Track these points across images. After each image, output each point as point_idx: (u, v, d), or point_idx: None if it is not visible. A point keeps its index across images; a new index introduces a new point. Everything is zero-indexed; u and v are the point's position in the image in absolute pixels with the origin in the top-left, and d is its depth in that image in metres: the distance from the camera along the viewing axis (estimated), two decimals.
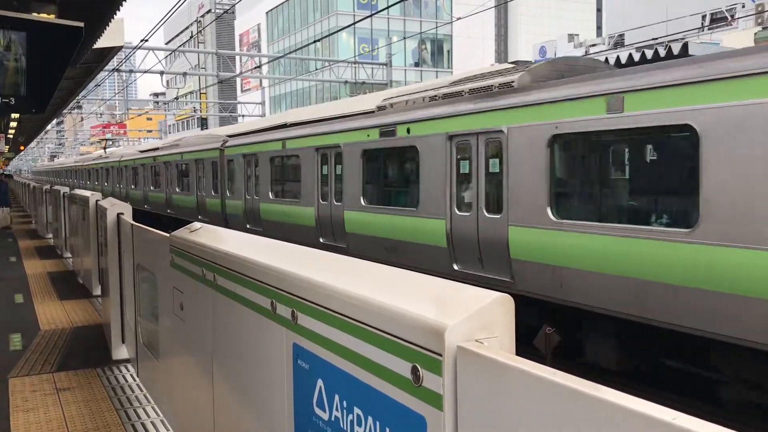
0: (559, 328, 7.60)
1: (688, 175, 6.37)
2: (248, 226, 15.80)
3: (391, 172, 11.17)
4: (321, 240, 12.42)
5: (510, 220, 8.05)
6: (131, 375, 6.27)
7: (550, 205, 7.52)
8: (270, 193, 14.76)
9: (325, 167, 12.46)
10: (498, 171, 8.33)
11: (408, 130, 9.93)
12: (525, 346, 7.93)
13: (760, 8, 27.56)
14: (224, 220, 17.47)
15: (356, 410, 1.91)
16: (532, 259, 7.74)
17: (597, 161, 7.47)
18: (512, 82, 8.45)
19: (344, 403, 1.98)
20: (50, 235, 19.13)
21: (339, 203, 11.88)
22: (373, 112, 11.54)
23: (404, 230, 9.97)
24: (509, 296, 1.58)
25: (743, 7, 30.14)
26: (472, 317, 1.53)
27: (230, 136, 18.31)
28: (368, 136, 10.97)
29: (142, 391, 5.78)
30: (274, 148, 14.64)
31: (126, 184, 29.67)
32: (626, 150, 7.36)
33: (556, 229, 7.40)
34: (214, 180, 18.36)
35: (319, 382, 2.14)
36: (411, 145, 9.88)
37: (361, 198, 11.14)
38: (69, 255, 14.51)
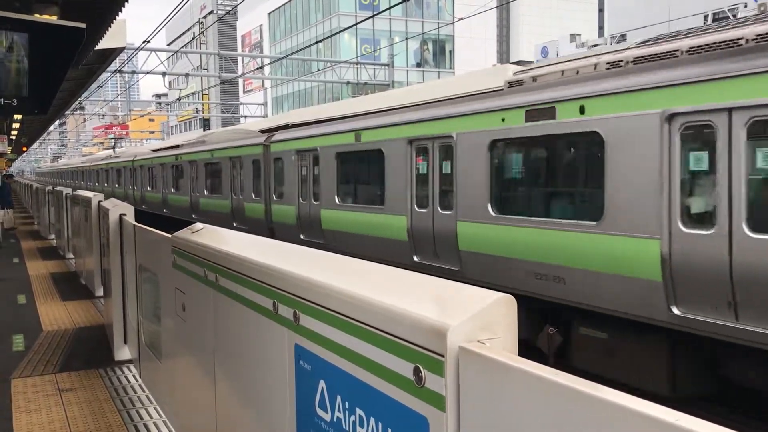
0: None
1: None
2: (302, 237, 13.21)
3: (547, 169, 8.20)
4: (415, 258, 9.66)
5: None
6: (133, 376, 6.27)
7: None
8: (336, 198, 11.99)
9: (424, 164, 9.69)
10: None
11: (581, 110, 7.11)
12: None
13: (762, 8, 27.52)
14: (269, 228, 14.97)
15: (358, 411, 1.90)
16: None
17: None
18: None
19: (346, 404, 1.98)
20: (53, 236, 19.16)
21: (447, 212, 9.01)
22: (500, 90, 8.72)
23: (575, 253, 7.07)
24: (511, 296, 1.58)
25: (745, 6, 30.09)
26: (475, 317, 1.52)
27: (267, 131, 16.08)
28: (503, 120, 8.11)
29: (144, 391, 5.78)
30: (343, 141, 11.82)
31: (141, 186, 27.56)
32: None
33: None
34: (255, 181, 15.66)
35: (321, 383, 2.14)
36: (589, 130, 7.04)
37: (489, 205, 8.27)
38: (71, 256, 14.52)
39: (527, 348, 7.61)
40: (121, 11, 9.80)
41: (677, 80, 6.14)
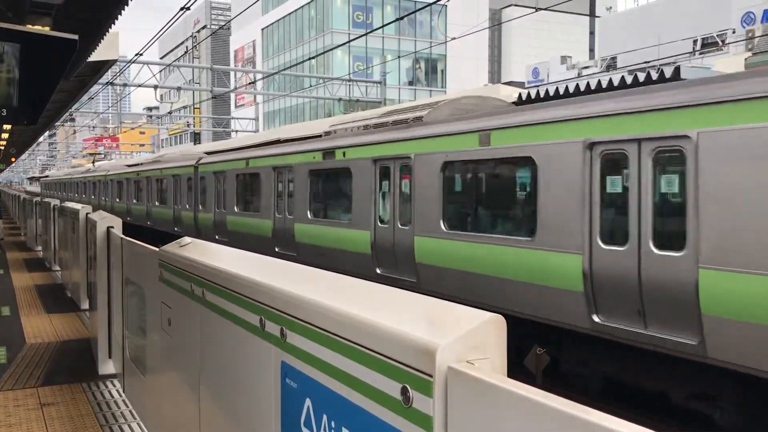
0: None
1: None
2: (217, 237, 16.06)
3: (334, 188, 11.56)
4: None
5: None
6: (117, 390, 6.19)
7: None
8: (235, 207, 15.11)
9: (280, 184, 12.28)
10: None
11: (344, 154, 9.62)
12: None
13: (750, 34, 27.93)
14: (197, 230, 17.70)
15: (344, 431, 1.88)
16: None
17: None
18: None
19: (332, 423, 1.95)
20: (39, 248, 18.98)
21: (290, 216, 12.88)
22: (320, 136, 12.95)
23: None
24: (501, 317, 1.56)
25: (734, 32, 30.52)
26: (464, 337, 1.50)
27: (208, 154, 18.54)
28: (314, 158, 11.66)
29: (127, 407, 5.70)
30: (241, 165, 14.62)
31: (111, 197, 28.71)
32: None
33: None
34: (188, 194, 18.48)
35: (308, 402, 2.11)
36: (346, 167, 10.32)
37: (308, 212, 12.08)
38: (58, 268, 14.39)
39: None
40: (114, 23, 9.80)
41: (380, 140, 10.07)
